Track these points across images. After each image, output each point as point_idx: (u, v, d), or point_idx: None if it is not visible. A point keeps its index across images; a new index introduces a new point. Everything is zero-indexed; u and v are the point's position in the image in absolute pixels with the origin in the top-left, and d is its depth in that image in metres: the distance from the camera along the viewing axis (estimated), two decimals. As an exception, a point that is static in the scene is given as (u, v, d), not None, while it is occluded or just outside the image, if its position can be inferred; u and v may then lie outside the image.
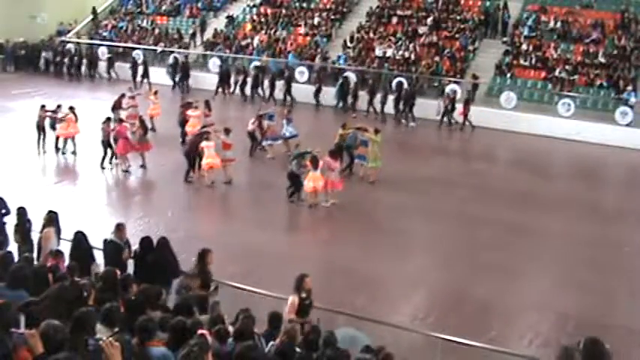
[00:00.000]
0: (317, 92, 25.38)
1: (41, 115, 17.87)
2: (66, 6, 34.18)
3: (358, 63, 26.80)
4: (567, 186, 17.70)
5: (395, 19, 28.59)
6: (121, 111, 19.28)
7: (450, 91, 23.81)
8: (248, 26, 30.60)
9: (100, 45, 31.01)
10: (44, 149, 17.97)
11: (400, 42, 27.17)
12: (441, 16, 28.05)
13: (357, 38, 28.13)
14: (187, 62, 28.21)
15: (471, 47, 26.71)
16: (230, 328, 6.27)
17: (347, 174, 16.81)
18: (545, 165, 19.84)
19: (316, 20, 29.72)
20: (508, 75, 25.23)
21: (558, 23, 26.43)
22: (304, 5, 30.87)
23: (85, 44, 31.54)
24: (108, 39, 31.92)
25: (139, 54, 29.15)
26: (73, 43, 31.57)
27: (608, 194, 17.53)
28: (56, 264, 8.05)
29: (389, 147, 17.28)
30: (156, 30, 31.88)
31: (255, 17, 31.12)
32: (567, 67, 24.62)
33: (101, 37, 32.27)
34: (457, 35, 27.09)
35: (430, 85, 25.57)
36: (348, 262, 12.04)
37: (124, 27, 32.73)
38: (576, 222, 14.64)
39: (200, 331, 5.61)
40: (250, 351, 5.37)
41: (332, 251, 12.84)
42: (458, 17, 27.92)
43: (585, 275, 11.90)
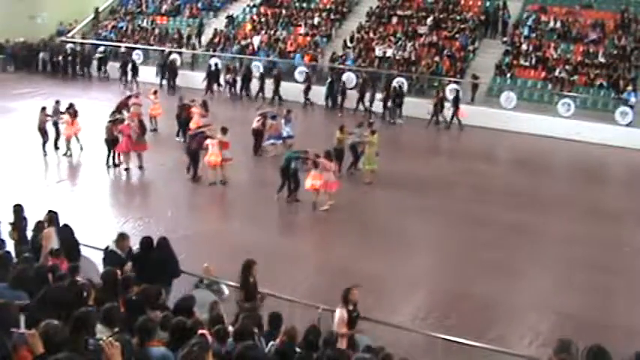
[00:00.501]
0: (306, 91, 25.51)
1: (42, 119, 17.87)
2: (66, 6, 34.16)
3: (358, 63, 26.79)
4: (567, 186, 17.70)
5: (395, 19, 28.59)
6: (124, 111, 19.31)
7: (452, 90, 23.85)
8: (248, 26, 30.59)
9: (100, 45, 31.03)
10: (46, 151, 17.99)
11: (400, 42, 27.18)
12: (441, 16, 28.06)
13: (357, 38, 28.13)
14: (175, 62, 28.36)
15: (471, 47, 26.70)
16: (230, 328, 6.28)
17: (353, 171, 16.95)
18: (545, 165, 19.83)
19: (316, 20, 29.71)
20: (508, 75, 25.22)
21: (558, 23, 26.43)
22: (304, 5, 30.86)
23: (83, 44, 31.56)
24: (108, 39, 31.95)
25: (132, 53, 29.49)
26: (72, 43, 31.59)
27: (608, 194, 17.52)
28: (56, 264, 8.05)
29: (384, 146, 17.26)
30: (156, 30, 31.87)
31: (255, 17, 31.12)
32: (567, 67, 24.62)
33: (101, 37, 32.26)
34: (457, 35, 27.09)
35: (430, 85, 25.55)
36: (348, 262, 12.03)
37: (124, 27, 32.73)
38: (576, 222, 14.63)
39: (200, 331, 5.62)
40: (250, 351, 5.37)
41: (332, 251, 12.85)
42: (458, 17, 27.91)
43: (585, 275, 11.90)
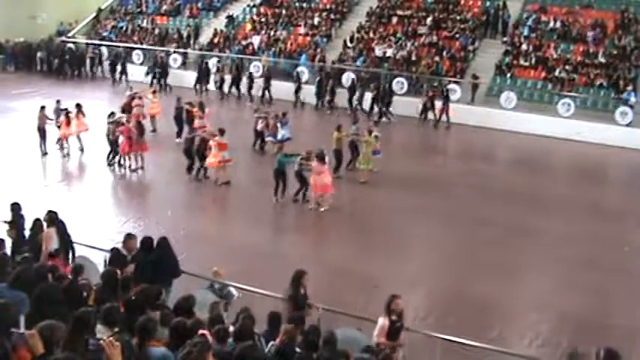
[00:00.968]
0: (297, 90, 25.61)
1: (41, 117, 17.88)
2: (66, 6, 34.16)
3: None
4: (567, 186, 17.70)
5: (395, 19, 28.60)
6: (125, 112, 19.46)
7: (450, 89, 23.92)
8: (248, 26, 30.59)
9: (100, 45, 31.09)
10: (46, 151, 17.98)
11: (400, 42, 27.18)
12: (441, 16, 28.05)
13: (357, 38, 28.13)
14: (166, 61, 28.51)
15: (471, 47, 26.70)
16: (230, 328, 6.27)
17: (352, 167, 17.04)
18: (545, 165, 19.83)
19: (316, 20, 29.72)
20: (508, 75, 25.22)
21: (558, 23, 26.42)
22: (304, 5, 30.86)
23: (77, 44, 31.66)
24: (107, 39, 31.96)
25: (121, 53, 29.93)
26: (71, 43, 31.63)
27: (608, 194, 17.52)
28: (56, 264, 8.05)
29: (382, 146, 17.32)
30: (156, 30, 31.87)
31: (255, 17, 31.11)
32: (567, 67, 24.62)
33: (100, 37, 32.29)
34: (457, 35, 27.09)
35: (430, 85, 25.55)
36: (348, 262, 12.04)
37: (124, 27, 32.73)
38: (576, 222, 14.63)
39: (200, 332, 5.62)
40: (251, 351, 5.37)
41: (332, 251, 12.85)
42: (458, 17, 27.92)
43: (585, 275, 11.89)
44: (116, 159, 17.14)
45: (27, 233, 9.82)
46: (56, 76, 29.91)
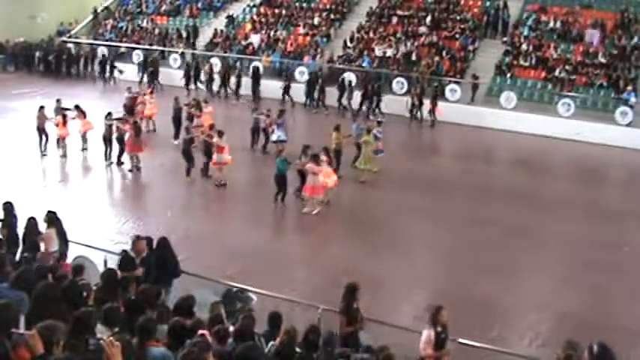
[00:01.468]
0: (286, 89, 25.64)
1: (40, 117, 17.87)
2: (66, 6, 34.17)
3: (358, 63, 26.76)
4: (567, 186, 17.69)
5: (395, 19, 28.59)
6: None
7: (439, 88, 24.16)
8: (248, 26, 30.58)
9: (100, 45, 31.12)
10: (46, 151, 17.97)
11: (400, 42, 27.16)
12: (441, 16, 28.05)
13: (357, 38, 28.12)
14: (157, 60, 28.59)
15: (471, 47, 26.70)
16: (230, 328, 6.27)
17: (350, 165, 17.04)
18: (545, 165, 19.83)
19: (316, 20, 29.71)
20: (508, 75, 25.22)
21: (558, 23, 26.42)
22: (304, 5, 30.86)
23: (72, 43, 31.69)
24: (107, 39, 31.97)
25: (110, 52, 30.20)
26: (71, 43, 31.65)
27: (608, 194, 17.53)
28: (56, 264, 8.06)
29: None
30: (156, 30, 31.87)
31: (255, 17, 31.11)
32: (567, 67, 24.62)
33: (100, 38, 32.32)
34: (457, 35, 27.09)
35: (430, 85, 25.55)
36: (348, 262, 12.02)
37: (124, 27, 32.72)
38: (576, 222, 14.63)
39: (200, 332, 5.62)
40: (252, 351, 5.37)
41: (332, 251, 12.83)
42: (458, 17, 27.92)
43: (585, 275, 11.89)
44: (121, 158, 17.16)
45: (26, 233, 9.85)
46: (54, 76, 29.88)
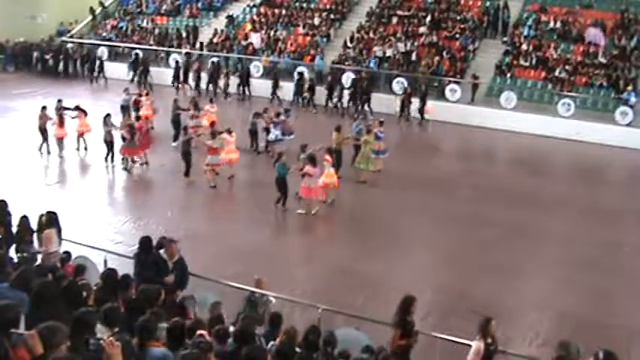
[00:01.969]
0: (274, 88, 25.66)
1: (42, 117, 17.88)
2: (66, 6, 34.17)
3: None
4: (567, 186, 17.70)
5: (395, 19, 28.59)
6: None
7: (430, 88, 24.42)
8: (248, 26, 30.58)
9: (100, 45, 31.13)
10: (48, 151, 17.98)
11: (400, 41, 27.16)
12: (441, 16, 28.05)
13: (357, 38, 28.12)
14: (147, 58, 28.72)
15: (471, 47, 26.70)
16: (230, 328, 6.28)
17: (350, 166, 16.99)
18: (545, 165, 19.83)
19: (316, 20, 29.71)
20: (508, 75, 25.23)
21: (558, 23, 26.42)
22: (304, 5, 30.86)
23: (78, 44, 31.68)
24: (107, 39, 31.97)
25: (104, 51, 30.41)
26: (71, 43, 31.66)
27: (608, 194, 17.52)
28: (56, 265, 8.06)
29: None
30: (156, 30, 31.86)
31: (255, 17, 31.11)
32: (567, 67, 24.63)
33: (101, 37, 32.33)
34: (457, 35, 27.09)
35: (430, 85, 25.56)
36: (348, 262, 12.04)
37: (124, 27, 32.72)
38: (576, 222, 14.63)
39: (199, 332, 5.62)
40: (259, 352, 5.38)
41: (332, 251, 12.84)
42: (458, 17, 27.93)
43: (585, 275, 11.89)
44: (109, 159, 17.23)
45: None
46: (52, 76, 29.83)
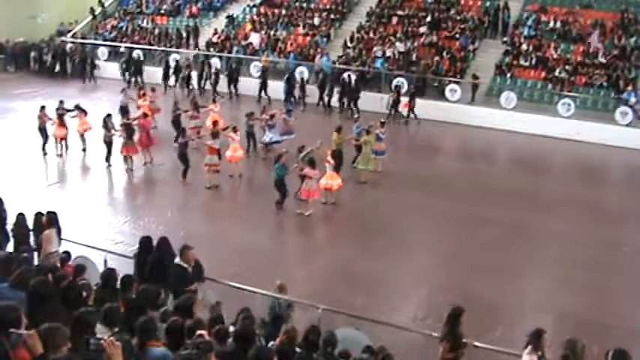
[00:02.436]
0: (262, 87, 25.64)
1: (41, 117, 17.89)
2: (66, 6, 34.16)
3: (358, 63, 26.76)
4: (567, 186, 17.68)
5: (395, 19, 28.59)
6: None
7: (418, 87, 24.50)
8: (248, 26, 30.58)
9: (100, 45, 31.16)
10: (47, 151, 17.98)
11: (399, 40, 27.17)
12: (441, 16, 28.05)
13: (357, 38, 28.12)
14: (140, 58, 28.79)
15: (471, 47, 26.69)
16: (230, 328, 6.28)
17: (355, 165, 17.05)
18: (545, 165, 19.83)
19: (316, 20, 29.70)
20: (508, 75, 25.22)
21: (558, 23, 26.41)
22: (304, 5, 30.85)
23: (77, 44, 31.70)
24: (107, 39, 31.98)
25: (104, 51, 30.57)
26: (70, 43, 31.68)
27: (608, 194, 17.52)
28: (56, 265, 8.06)
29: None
30: (156, 30, 31.85)
31: (255, 17, 31.11)
32: (567, 67, 24.63)
33: (102, 37, 32.36)
34: (457, 35, 27.09)
35: (430, 85, 25.54)
36: (348, 262, 12.04)
37: (124, 27, 32.72)
38: (576, 222, 14.63)
39: (199, 332, 5.62)
40: (266, 353, 5.39)
41: (332, 251, 12.85)
42: (458, 17, 27.92)
43: (585, 275, 11.90)
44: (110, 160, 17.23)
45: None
46: (50, 76, 29.77)
